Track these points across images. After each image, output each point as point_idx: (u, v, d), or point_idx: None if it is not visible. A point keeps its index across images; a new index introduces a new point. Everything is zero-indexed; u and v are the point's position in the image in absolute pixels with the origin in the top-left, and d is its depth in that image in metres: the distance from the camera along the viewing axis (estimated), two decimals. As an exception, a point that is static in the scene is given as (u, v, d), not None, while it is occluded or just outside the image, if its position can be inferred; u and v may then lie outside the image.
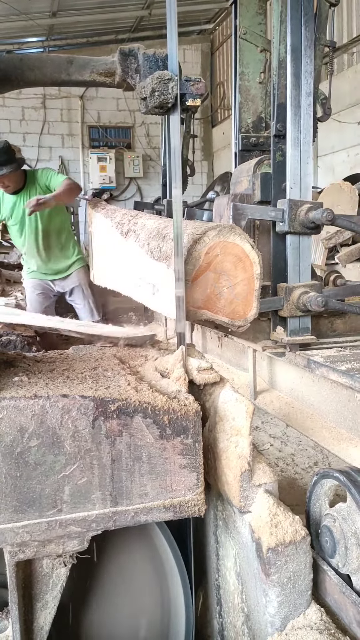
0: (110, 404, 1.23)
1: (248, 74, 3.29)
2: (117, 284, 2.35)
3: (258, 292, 1.77)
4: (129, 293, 2.20)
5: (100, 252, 2.68)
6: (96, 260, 2.77)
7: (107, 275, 2.57)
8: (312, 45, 2.19)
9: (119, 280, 2.32)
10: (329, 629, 1.15)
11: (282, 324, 2.27)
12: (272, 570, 1.20)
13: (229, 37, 11.16)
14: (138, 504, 1.27)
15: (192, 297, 1.67)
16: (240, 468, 1.29)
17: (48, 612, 1.31)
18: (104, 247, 2.58)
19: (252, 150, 3.30)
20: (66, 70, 1.64)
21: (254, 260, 1.73)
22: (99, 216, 2.69)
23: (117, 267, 2.33)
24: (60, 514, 1.23)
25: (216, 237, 1.67)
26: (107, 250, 2.53)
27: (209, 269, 1.68)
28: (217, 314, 1.72)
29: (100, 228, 2.65)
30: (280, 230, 2.23)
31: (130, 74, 1.57)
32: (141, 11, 9.83)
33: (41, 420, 1.19)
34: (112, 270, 2.45)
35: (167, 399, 1.29)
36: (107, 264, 2.54)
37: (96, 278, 2.79)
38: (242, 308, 1.77)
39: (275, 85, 2.28)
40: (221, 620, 1.53)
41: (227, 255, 1.70)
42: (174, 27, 1.38)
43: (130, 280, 2.14)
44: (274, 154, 2.32)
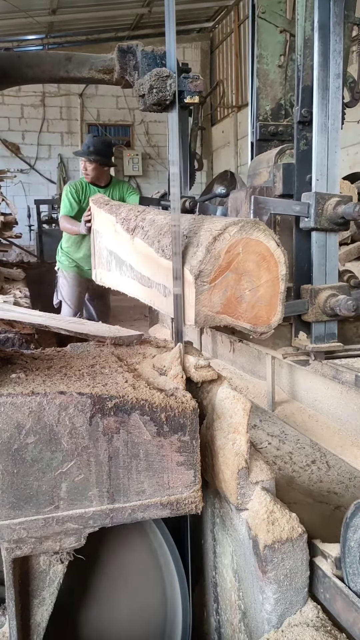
0: (107, 401, 1.23)
1: (267, 57, 3.02)
2: (123, 284, 2.23)
3: (283, 295, 1.62)
4: (135, 294, 2.07)
5: (103, 250, 2.55)
6: (99, 258, 2.64)
7: (111, 275, 2.44)
8: (341, 22, 2.01)
9: (124, 280, 2.19)
10: (325, 626, 1.15)
11: (306, 329, 2.08)
12: (269, 567, 1.20)
13: (228, 35, 11.16)
14: (135, 501, 1.28)
15: (210, 301, 1.52)
16: (238, 465, 1.29)
17: (45, 609, 1.31)
18: (107, 245, 2.46)
19: (270, 140, 3.06)
20: (65, 68, 1.64)
21: (279, 259, 1.59)
22: (102, 212, 2.55)
23: (123, 266, 2.20)
24: (57, 511, 1.23)
25: (238, 234, 1.53)
26: (111, 248, 2.40)
27: (229, 269, 1.53)
28: (237, 319, 1.57)
29: (103, 225, 2.52)
30: (305, 226, 2.04)
31: (129, 71, 1.57)
32: (141, 9, 9.82)
33: (38, 417, 1.19)
34: (116, 270, 2.33)
35: (165, 396, 1.29)
36: (111, 263, 2.41)
37: (98, 277, 2.66)
38: (266, 313, 1.62)
39: (300, 67, 2.08)
40: (218, 617, 1.53)
41: (250, 254, 1.55)
42: (172, 25, 1.38)
43: (137, 280, 2.02)
44: (298, 143, 2.12)
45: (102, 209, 2.55)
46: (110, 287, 2.49)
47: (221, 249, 1.52)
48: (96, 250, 2.67)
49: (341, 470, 2.17)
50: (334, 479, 2.11)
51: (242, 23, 10.58)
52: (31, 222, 10.34)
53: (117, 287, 2.34)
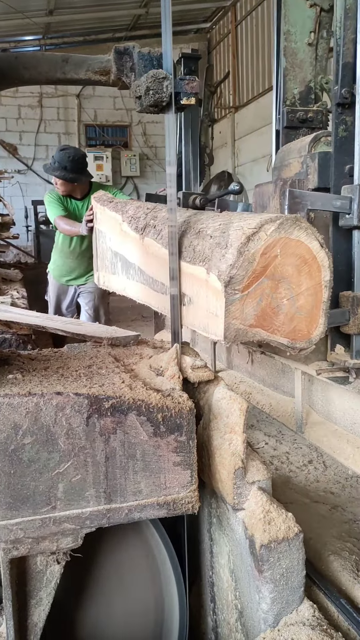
0: (104, 401, 1.24)
1: (295, 34, 2.68)
2: (130, 289, 2.03)
3: (327, 305, 1.41)
4: (145, 300, 1.86)
5: (107, 252, 2.34)
6: (102, 260, 2.43)
7: (116, 278, 2.21)
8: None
9: (132, 284, 1.99)
10: (322, 625, 1.16)
11: (344, 342, 1.85)
12: (265, 566, 1.21)
13: (226, 36, 11.17)
14: (132, 501, 1.28)
15: (241, 312, 1.32)
16: (234, 465, 1.30)
17: (42, 609, 1.32)
18: (112, 246, 2.25)
19: (298, 128, 2.73)
20: (61, 69, 1.64)
21: (322, 263, 1.37)
22: (105, 210, 2.35)
23: (130, 269, 1.99)
24: (54, 511, 1.23)
25: (276, 233, 1.31)
26: (116, 250, 2.18)
27: (264, 275, 1.32)
28: (273, 333, 1.37)
29: (107, 224, 2.32)
30: (346, 224, 1.81)
31: (126, 73, 1.57)
32: (138, 9, 9.82)
33: (35, 418, 1.20)
34: (123, 273, 2.11)
35: (161, 397, 1.29)
36: (116, 265, 2.19)
37: (101, 281, 2.46)
38: (306, 325, 1.40)
39: (339, 41, 1.86)
40: (215, 617, 1.54)
41: (289, 257, 1.34)
42: (168, 26, 1.38)
43: (148, 285, 1.79)
44: (336, 128, 1.88)
45: (107, 207, 2.35)
46: (114, 292, 2.33)
47: (256, 250, 1.30)
48: (99, 251, 2.49)
49: (338, 470, 2.17)
50: (331, 478, 2.12)
51: (239, 24, 10.59)
52: (28, 222, 10.34)
53: (123, 292, 2.15)
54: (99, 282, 2.51)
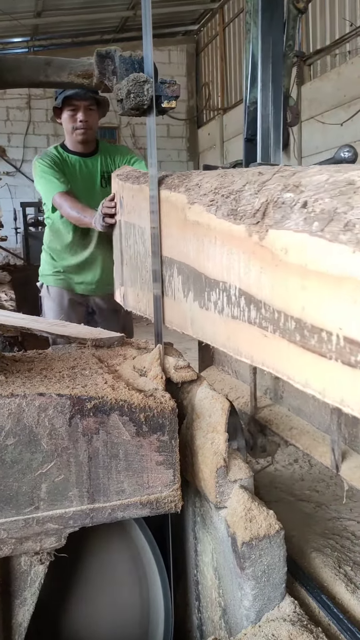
0: (86, 402, 1.25)
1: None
2: (211, 326, 1.26)
3: None
4: (247, 352, 1.12)
5: (145, 257, 1.61)
6: (133, 271, 1.73)
7: (178, 306, 1.45)
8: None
9: (218, 320, 1.22)
10: (302, 620, 1.17)
11: None
12: (247, 564, 1.22)
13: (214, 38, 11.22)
14: (115, 501, 1.29)
15: None
16: (216, 464, 1.31)
17: (27, 609, 1.32)
18: (168, 251, 1.47)
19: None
20: (44, 72, 1.65)
21: None
22: (142, 192, 1.61)
23: (214, 292, 1.22)
24: (37, 512, 1.24)
25: None
26: (172, 253, 1.44)
27: None
28: None
29: (146, 212, 1.56)
30: None
31: (108, 76, 1.59)
32: (126, 12, 9.85)
33: (18, 419, 1.21)
34: (188, 296, 1.37)
35: (144, 397, 1.31)
36: (176, 284, 1.44)
37: (130, 302, 1.81)
38: None
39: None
40: (200, 615, 1.55)
41: None
42: (149, 30, 1.40)
43: (269, 324, 1.00)
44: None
45: (144, 185, 1.60)
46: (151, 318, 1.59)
47: None
48: (126, 257, 1.77)
49: (322, 468, 2.20)
50: (316, 477, 2.15)
51: (227, 26, 10.64)
52: (17, 224, 10.32)
53: (186, 327, 1.42)
54: (126, 304, 1.86)
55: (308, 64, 8.15)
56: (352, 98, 7.03)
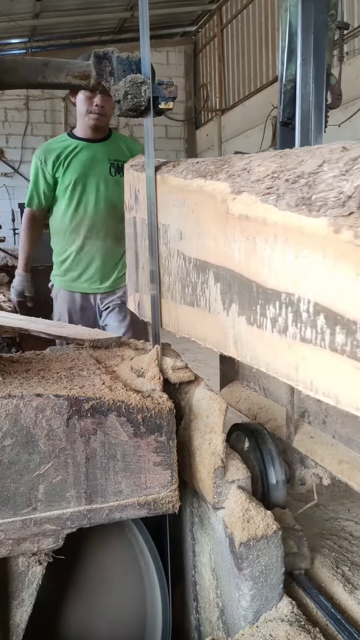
0: (84, 402, 1.25)
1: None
2: (263, 349, 1.02)
3: None
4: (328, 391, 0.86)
5: (170, 260, 1.41)
6: (163, 279, 1.47)
7: (205, 316, 1.25)
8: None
9: (278, 342, 0.96)
10: (300, 621, 1.17)
11: None
12: (245, 564, 1.22)
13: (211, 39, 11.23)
14: (113, 502, 1.29)
15: None
16: (214, 465, 1.31)
17: (24, 610, 1.32)
18: (189, 249, 1.30)
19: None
20: (42, 73, 1.65)
21: None
22: (166, 182, 1.40)
23: (271, 304, 0.98)
24: (35, 512, 1.24)
25: None
26: (207, 256, 1.22)
27: None
28: None
29: (170, 207, 1.37)
30: None
31: (105, 77, 1.59)
32: (124, 13, 9.87)
33: (15, 420, 1.21)
34: (230, 309, 1.13)
35: (141, 398, 1.31)
36: (204, 289, 1.24)
37: (147, 309, 1.58)
38: None
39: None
40: (198, 616, 1.55)
41: None
42: (146, 31, 1.40)
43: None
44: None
45: (170, 174, 1.38)
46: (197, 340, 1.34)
47: None
48: (144, 259, 1.58)
49: (321, 469, 2.20)
50: (314, 477, 2.14)
51: (224, 27, 10.65)
52: (15, 225, 10.31)
53: (228, 349, 1.16)
54: (141, 313, 1.68)
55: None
56: (350, 99, 7.04)
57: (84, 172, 2.76)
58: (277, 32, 3.09)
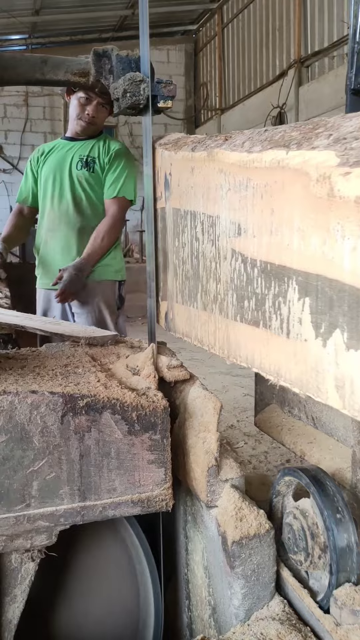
0: (79, 400, 1.25)
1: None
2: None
3: None
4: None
5: (225, 264, 1.11)
6: (187, 280, 1.30)
7: (286, 344, 0.94)
8: None
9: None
10: (291, 619, 1.18)
11: None
12: (237, 563, 1.23)
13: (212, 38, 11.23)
14: (106, 499, 1.29)
15: None
16: (208, 463, 1.32)
17: (17, 606, 1.32)
18: (258, 251, 0.99)
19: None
20: (40, 70, 1.65)
21: None
22: (211, 162, 1.11)
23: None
24: (28, 509, 1.24)
25: None
26: (296, 259, 0.88)
27: None
28: None
29: (252, 194, 0.99)
30: None
31: (104, 75, 1.59)
32: (125, 10, 9.86)
33: (10, 416, 1.21)
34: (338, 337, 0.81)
35: (136, 396, 1.31)
36: (281, 299, 0.93)
37: (180, 323, 1.38)
38: None
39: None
40: (190, 614, 1.56)
41: None
42: (145, 29, 1.40)
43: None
44: None
45: (232, 149, 1.05)
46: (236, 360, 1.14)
47: None
48: (177, 260, 1.33)
49: (314, 469, 2.20)
50: (308, 477, 2.15)
51: (225, 26, 10.65)
52: (13, 222, 10.28)
53: (329, 394, 0.85)
54: (169, 326, 1.43)
55: (306, 66, 8.17)
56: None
57: (53, 168, 2.80)
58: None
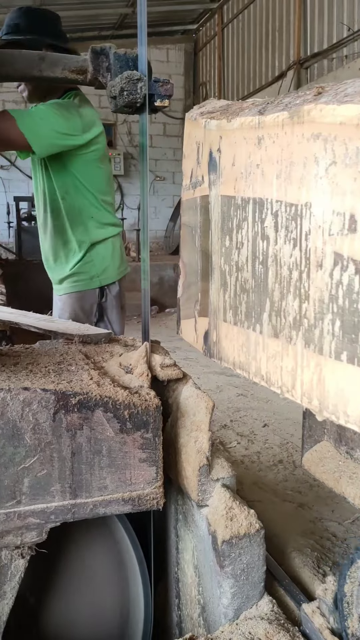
0: (71, 397, 1.25)
1: None
2: None
3: None
4: None
5: (309, 273, 0.76)
6: (242, 294, 0.96)
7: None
8: None
9: None
10: (279, 619, 1.18)
11: None
12: (226, 562, 1.23)
13: (212, 38, 11.22)
14: (97, 497, 1.29)
15: None
16: (199, 463, 1.32)
17: (6, 603, 1.32)
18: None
19: None
20: (38, 67, 1.65)
21: None
22: (301, 125, 0.76)
23: None
24: (19, 506, 1.24)
25: None
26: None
27: None
28: None
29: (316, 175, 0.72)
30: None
31: (102, 73, 1.59)
32: (125, 9, 9.84)
33: (1, 413, 1.21)
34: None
35: (129, 394, 1.31)
36: None
37: (228, 348, 1.07)
38: None
39: None
40: (180, 612, 1.56)
41: None
42: (144, 28, 1.40)
43: None
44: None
45: (338, 102, 0.69)
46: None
47: None
48: (227, 265, 1.01)
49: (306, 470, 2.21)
50: (299, 478, 2.16)
51: (225, 26, 10.64)
52: (10, 219, 10.28)
53: None
54: (211, 351, 1.12)
55: (305, 68, 8.17)
56: None
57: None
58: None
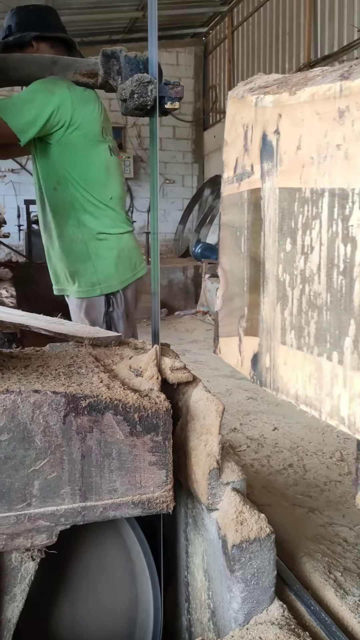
0: (81, 400, 1.25)
1: None
2: None
3: None
4: None
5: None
6: (311, 312, 0.77)
7: None
8: None
9: None
10: (290, 624, 1.17)
11: None
12: (237, 566, 1.22)
13: (222, 41, 11.23)
14: (107, 500, 1.29)
15: None
16: (209, 466, 1.31)
17: (16, 605, 1.32)
18: None
19: None
20: (50, 70, 1.66)
21: None
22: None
23: None
24: (29, 508, 1.24)
25: None
26: None
27: None
28: None
29: None
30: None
31: (112, 76, 1.60)
32: (136, 12, 9.88)
33: (12, 415, 1.21)
34: None
35: (139, 397, 1.31)
36: None
37: (286, 379, 0.86)
38: None
39: None
40: (189, 616, 1.55)
41: None
42: (154, 31, 1.40)
43: None
44: None
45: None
46: None
47: None
48: (287, 275, 0.82)
49: (317, 474, 2.20)
50: (310, 482, 2.15)
51: (235, 30, 10.65)
52: (20, 222, 10.33)
53: None
54: (264, 380, 0.94)
55: (315, 70, 8.13)
56: (359, 105, 6.99)
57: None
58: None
